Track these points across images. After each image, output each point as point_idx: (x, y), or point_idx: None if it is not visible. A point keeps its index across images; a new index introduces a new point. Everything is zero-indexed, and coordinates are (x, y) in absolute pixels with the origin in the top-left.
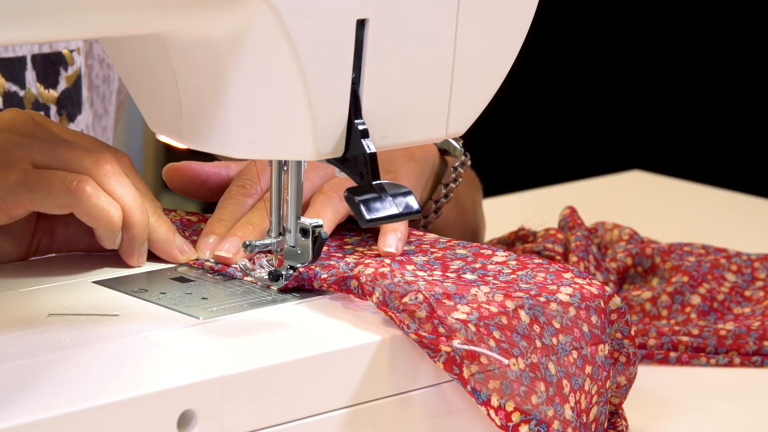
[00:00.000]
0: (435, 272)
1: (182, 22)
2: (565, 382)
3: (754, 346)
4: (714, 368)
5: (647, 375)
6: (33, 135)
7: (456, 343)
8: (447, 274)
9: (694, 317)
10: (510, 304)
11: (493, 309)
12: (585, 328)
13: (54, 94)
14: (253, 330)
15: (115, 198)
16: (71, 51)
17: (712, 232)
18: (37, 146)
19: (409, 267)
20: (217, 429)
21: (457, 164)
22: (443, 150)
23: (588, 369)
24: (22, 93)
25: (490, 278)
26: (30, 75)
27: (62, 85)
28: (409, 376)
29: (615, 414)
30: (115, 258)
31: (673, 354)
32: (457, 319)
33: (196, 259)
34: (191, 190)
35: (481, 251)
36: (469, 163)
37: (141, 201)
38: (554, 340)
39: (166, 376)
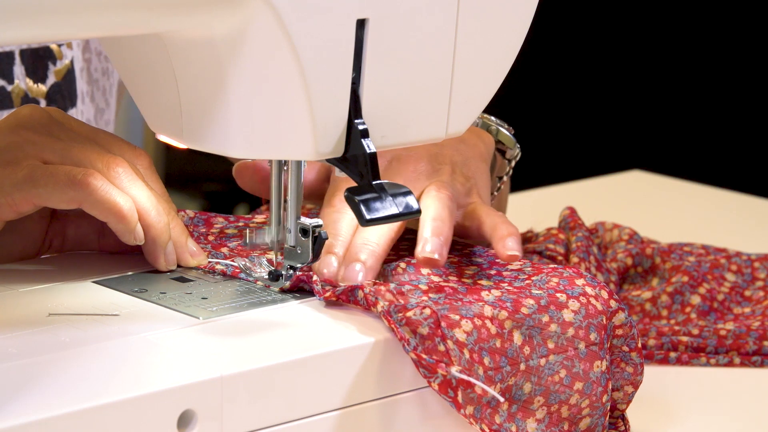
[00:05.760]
0: (450, 277)
1: (182, 22)
2: (538, 398)
3: (754, 346)
4: (714, 368)
5: (647, 375)
6: (49, 133)
7: (454, 370)
8: (462, 279)
9: (694, 317)
10: (508, 325)
11: (493, 330)
12: (581, 346)
13: (43, 88)
14: (252, 330)
15: None
16: (60, 45)
17: (712, 232)
18: (51, 145)
19: (425, 271)
20: (217, 429)
21: (512, 157)
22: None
23: (578, 385)
24: (9, 88)
25: (505, 284)
26: (19, 70)
27: (51, 79)
28: (411, 377)
29: (617, 417)
30: (115, 258)
31: (673, 354)
32: (456, 341)
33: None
34: (264, 190)
35: (497, 260)
36: (519, 155)
37: (156, 201)
38: (542, 361)
39: (166, 376)
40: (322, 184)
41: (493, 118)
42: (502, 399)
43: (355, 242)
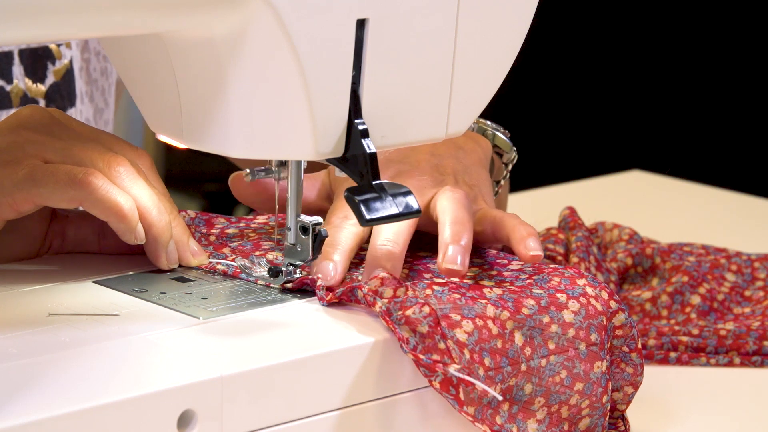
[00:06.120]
0: (453, 279)
1: (182, 22)
2: (539, 399)
3: (754, 346)
4: (714, 368)
5: (647, 375)
6: (50, 132)
7: (453, 369)
8: (465, 280)
9: (694, 317)
10: (510, 325)
11: (494, 330)
12: (582, 347)
13: (42, 88)
14: (252, 330)
15: None
16: (59, 45)
17: (712, 232)
18: (52, 144)
19: (427, 275)
20: (217, 429)
21: (509, 161)
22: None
23: (578, 386)
24: (8, 88)
25: (507, 283)
26: (18, 69)
27: (50, 79)
28: (411, 377)
29: (617, 418)
30: (115, 258)
31: (673, 354)
32: (456, 340)
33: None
34: (258, 202)
35: (498, 260)
36: (516, 159)
37: (158, 200)
38: (543, 362)
39: (166, 376)
40: (323, 203)
41: (489, 122)
42: (500, 398)
43: (374, 243)
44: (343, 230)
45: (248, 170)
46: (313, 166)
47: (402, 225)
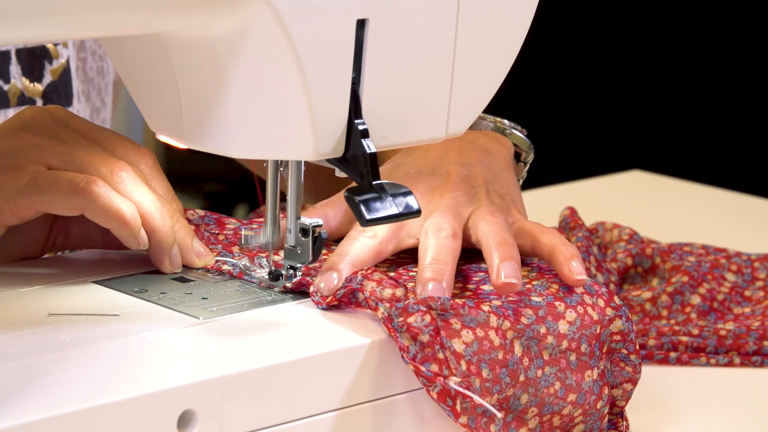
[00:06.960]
0: (456, 284)
1: (182, 22)
2: (533, 409)
3: (754, 346)
4: (714, 368)
5: (647, 375)
6: (52, 135)
7: (452, 383)
8: (467, 285)
9: (694, 317)
10: (510, 335)
11: (496, 342)
12: (572, 357)
13: (39, 87)
14: (252, 330)
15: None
16: (56, 44)
17: (712, 232)
18: (54, 149)
19: None
20: (217, 429)
21: (527, 160)
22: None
23: (571, 397)
24: (6, 87)
25: None
26: (15, 69)
27: (47, 78)
28: (409, 378)
29: (617, 415)
30: (116, 258)
31: (673, 354)
32: (453, 351)
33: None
34: None
35: None
36: (533, 158)
37: (160, 205)
38: (539, 372)
39: (166, 376)
40: (346, 227)
41: (506, 121)
42: (499, 415)
43: (423, 265)
44: (357, 242)
45: (241, 236)
46: (315, 177)
47: (445, 247)
